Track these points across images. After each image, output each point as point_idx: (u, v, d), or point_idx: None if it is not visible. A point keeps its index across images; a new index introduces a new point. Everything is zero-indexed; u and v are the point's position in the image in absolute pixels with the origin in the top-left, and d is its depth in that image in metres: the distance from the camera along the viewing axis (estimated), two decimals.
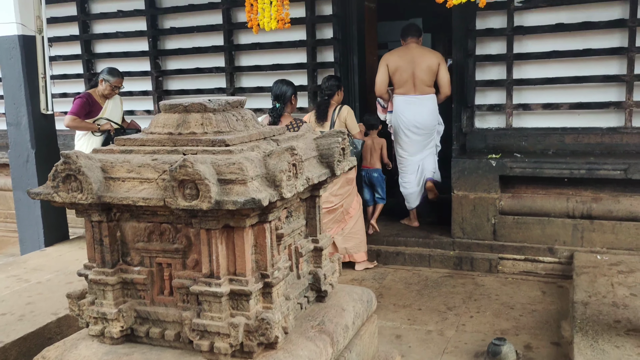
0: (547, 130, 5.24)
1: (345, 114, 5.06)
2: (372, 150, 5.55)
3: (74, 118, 5.20)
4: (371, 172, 5.58)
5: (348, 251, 5.17)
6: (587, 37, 5.04)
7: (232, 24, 6.26)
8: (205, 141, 2.26)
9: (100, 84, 5.34)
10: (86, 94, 5.34)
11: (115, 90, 5.39)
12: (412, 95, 5.42)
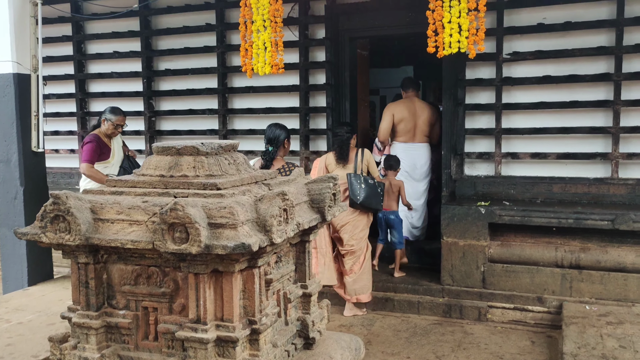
0: (536, 179, 5.30)
1: (368, 157, 5.21)
2: (389, 192, 5.54)
3: (90, 166, 5.03)
4: (388, 215, 5.57)
5: (357, 292, 5.16)
6: (573, 89, 5.17)
7: (226, 67, 6.35)
8: (197, 184, 2.26)
9: (103, 124, 5.23)
10: (94, 137, 5.19)
11: (119, 129, 5.29)
12: (412, 143, 5.96)
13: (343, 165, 5.13)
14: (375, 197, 5.03)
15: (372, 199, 5.00)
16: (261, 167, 4.58)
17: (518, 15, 5.27)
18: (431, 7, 4.56)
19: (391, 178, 5.59)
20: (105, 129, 5.23)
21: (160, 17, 6.62)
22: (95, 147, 5.10)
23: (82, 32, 6.96)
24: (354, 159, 5.13)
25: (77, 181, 6.96)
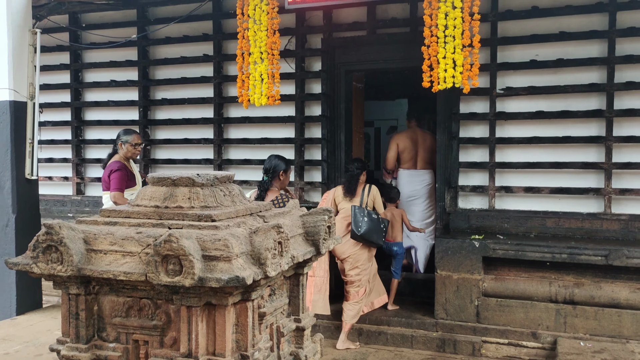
0: (529, 213, 5.32)
1: (375, 193, 5.34)
2: (393, 222, 5.68)
3: (121, 195, 4.92)
4: (391, 246, 5.66)
5: (371, 300, 5.37)
6: (566, 124, 5.23)
7: (222, 98, 6.40)
8: (192, 215, 2.25)
9: (121, 148, 5.17)
10: (120, 164, 5.09)
11: (138, 148, 5.24)
12: (414, 170, 6.35)
13: (350, 199, 5.28)
14: (377, 232, 5.12)
15: (374, 233, 5.09)
16: (256, 198, 4.58)
17: (511, 52, 5.36)
18: (426, 43, 4.63)
19: (392, 209, 5.69)
20: (125, 152, 5.16)
21: (159, 48, 6.69)
22: (123, 174, 5.01)
23: (80, 60, 7.02)
24: (360, 193, 5.29)
25: (70, 209, 6.94)
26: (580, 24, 5.13)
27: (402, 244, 5.73)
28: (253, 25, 5.17)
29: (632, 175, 5.06)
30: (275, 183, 4.66)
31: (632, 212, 5.04)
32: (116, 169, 5.00)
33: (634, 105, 5.01)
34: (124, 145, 5.15)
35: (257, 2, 5.14)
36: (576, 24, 5.14)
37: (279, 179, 4.65)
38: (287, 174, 4.69)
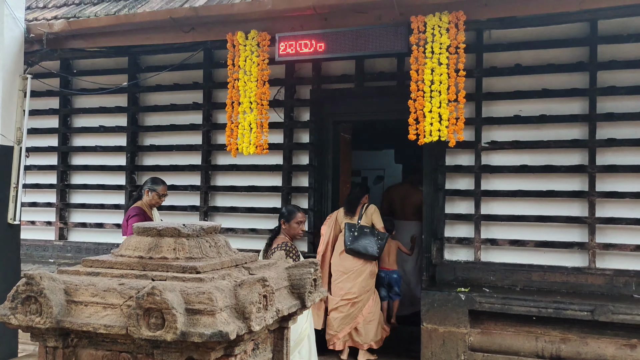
0: (515, 267, 5.32)
1: (372, 211, 5.75)
2: (389, 252, 6.04)
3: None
4: (390, 274, 6.10)
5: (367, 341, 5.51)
6: (550, 179, 5.30)
7: (211, 145, 6.43)
8: (176, 267, 2.22)
9: (147, 195, 5.23)
10: (140, 210, 5.14)
11: (162, 199, 5.33)
12: (402, 220, 6.87)
13: (350, 218, 5.70)
14: (369, 243, 5.49)
15: (365, 245, 5.49)
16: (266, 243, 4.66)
17: (496, 107, 5.49)
18: (413, 97, 4.73)
19: (389, 240, 5.94)
20: (149, 200, 5.23)
21: (149, 95, 6.75)
22: (141, 220, 5.00)
23: (70, 105, 7.05)
24: (359, 212, 5.71)
25: (51, 254, 6.83)
26: (562, 81, 5.28)
27: (399, 272, 6.22)
28: (243, 76, 5.26)
29: (615, 230, 5.11)
30: (283, 230, 4.58)
31: (616, 267, 5.06)
32: (134, 215, 5.04)
33: (616, 161, 5.11)
34: (150, 193, 5.21)
35: (248, 54, 5.24)
36: (558, 82, 5.29)
37: (288, 225, 4.54)
38: (289, 223, 4.52)
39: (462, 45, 4.66)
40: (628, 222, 5.04)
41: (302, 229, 4.57)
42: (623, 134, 5.09)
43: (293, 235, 4.53)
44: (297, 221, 4.53)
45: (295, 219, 4.53)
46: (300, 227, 4.55)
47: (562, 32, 5.27)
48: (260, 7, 5.14)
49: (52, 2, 6.90)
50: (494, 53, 5.47)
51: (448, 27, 4.67)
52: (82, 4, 6.66)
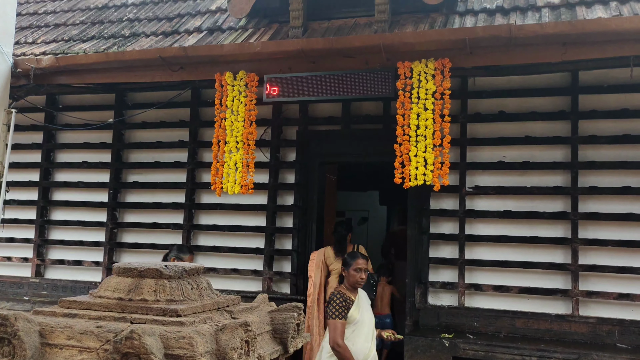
0: (499, 313, 5.28)
1: (363, 251, 5.54)
2: (382, 296, 6.19)
3: None
4: (384, 318, 6.20)
5: None
6: (533, 225, 5.33)
7: (195, 184, 6.38)
8: (157, 310, 2.16)
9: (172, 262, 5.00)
10: None
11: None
12: (379, 315, 6.28)
13: (341, 259, 5.34)
14: (368, 287, 5.32)
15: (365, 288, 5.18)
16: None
17: (480, 152, 5.55)
18: (399, 141, 4.78)
19: (383, 284, 6.16)
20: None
21: (134, 132, 6.73)
22: None
23: (53, 140, 6.99)
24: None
25: (26, 291, 6.65)
26: (545, 129, 5.38)
27: (391, 315, 6.33)
28: (230, 116, 5.29)
29: (598, 278, 5.12)
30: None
31: (599, 315, 5.05)
32: None
33: (598, 209, 5.16)
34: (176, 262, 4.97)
35: (236, 94, 5.28)
36: (541, 129, 5.39)
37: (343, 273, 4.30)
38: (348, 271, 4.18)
39: (447, 91, 4.74)
40: (610, 269, 5.06)
41: (361, 277, 4.14)
42: (604, 182, 5.16)
43: (352, 284, 4.16)
44: (356, 268, 4.15)
45: (355, 266, 4.16)
46: (359, 274, 4.14)
47: (545, 81, 5.39)
48: (249, 49, 5.21)
49: (41, 38, 6.92)
50: (479, 100, 5.57)
51: (434, 73, 4.77)
52: (71, 40, 6.70)
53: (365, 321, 4.10)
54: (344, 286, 4.17)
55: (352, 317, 4.04)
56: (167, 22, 6.61)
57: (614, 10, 4.82)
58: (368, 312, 4.21)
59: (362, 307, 4.15)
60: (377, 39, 4.87)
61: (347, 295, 4.08)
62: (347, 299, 4.04)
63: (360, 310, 4.11)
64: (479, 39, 4.61)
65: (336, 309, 3.99)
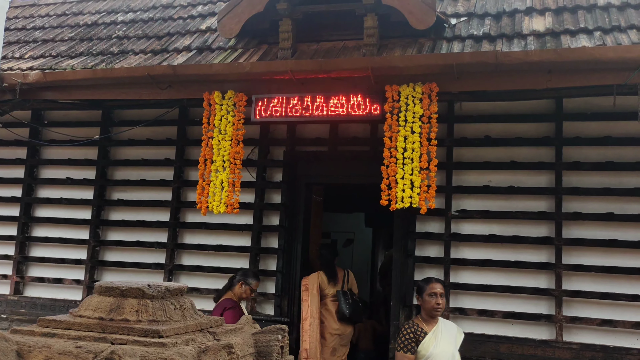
0: (483, 337, 5.26)
1: (353, 278, 6.16)
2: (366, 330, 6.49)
3: None
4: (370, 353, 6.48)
5: None
6: (518, 250, 5.35)
7: (180, 202, 6.33)
8: (138, 330, 2.12)
9: (239, 287, 4.88)
10: (234, 302, 4.82)
11: (253, 294, 5.05)
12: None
13: (334, 284, 5.96)
14: (359, 311, 5.97)
15: (357, 312, 5.93)
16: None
17: (466, 176, 5.58)
18: (386, 163, 4.80)
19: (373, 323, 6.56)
20: (242, 293, 4.88)
21: (120, 149, 6.69)
22: (237, 313, 4.66)
23: (37, 156, 6.92)
24: (342, 279, 6.02)
25: (4, 309, 6.52)
26: (530, 155, 5.43)
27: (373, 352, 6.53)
28: (218, 135, 5.28)
29: (581, 304, 5.14)
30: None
31: (582, 341, 5.05)
32: (230, 307, 4.70)
33: (582, 235, 5.20)
34: (243, 286, 4.87)
35: (224, 113, 5.28)
36: (526, 155, 5.44)
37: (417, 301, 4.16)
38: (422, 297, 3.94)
39: (434, 115, 4.79)
40: (594, 295, 5.08)
41: (437, 303, 3.80)
42: (588, 209, 5.21)
43: (428, 312, 3.83)
44: (431, 292, 3.82)
45: (429, 290, 3.83)
46: (435, 300, 3.80)
47: (530, 107, 5.47)
48: (239, 69, 5.23)
49: (28, 53, 6.89)
50: (465, 124, 5.62)
51: (421, 97, 4.81)
52: (59, 56, 6.68)
53: (439, 355, 3.70)
54: (420, 316, 3.87)
55: (423, 351, 3.71)
56: (156, 40, 6.62)
57: (598, 40, 4.93)
58: (448, 346, 3.79)
59: (440, 340, 3.77)
60: (365, 62, 4.92)
61: (420, 326, 3.77)
62: (416, 330, 3.75)
63: (436, 344, 3.73)
64: (466, 65, 4.68)
65: (401, 341, 3.73)
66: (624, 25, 5.10)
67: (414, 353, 3.69)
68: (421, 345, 3.70)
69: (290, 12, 5.57)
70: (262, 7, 5.52)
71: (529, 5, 5.64)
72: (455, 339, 3.87)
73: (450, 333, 3.86)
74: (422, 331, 3.74)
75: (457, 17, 5.76)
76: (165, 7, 7.42)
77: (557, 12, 5.53)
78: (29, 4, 8.43)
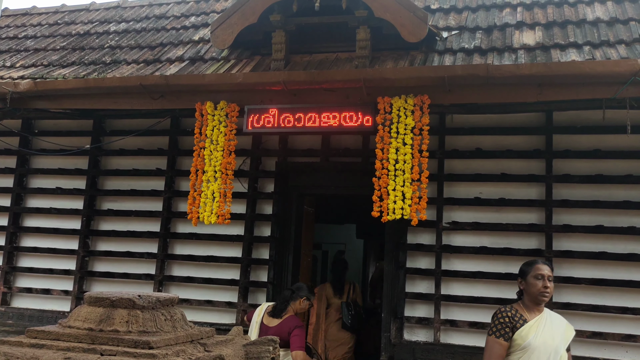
0: (474, 350, 5.25)
1: (358, 291, 6.79)
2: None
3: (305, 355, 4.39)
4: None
5: None
6: (508, 262, 5.36)
7: (171, 212, 6.30)
8: (128, 341, 2.11)
9: (301, 303, 4.69)
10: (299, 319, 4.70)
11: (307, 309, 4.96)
12: None
13: (340, 297, 6.58)
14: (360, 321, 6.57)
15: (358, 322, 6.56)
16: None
17: (457, 188, 5.60)
18: (377, 174, 4.81)
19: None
20: (301, 308, 4.72)
21: (111, 158, 6.65)
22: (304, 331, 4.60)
23: (27, 165, 6.87)
24: (347, 292, 6.62)
25: None
26: (521, 167, 5.47)
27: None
28: (210, 145, 5.28)
29: (572, 316, 5.12)
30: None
31: (573, 354, 4.91)
32: (300, 326, 4.52)
33: (572, 247, 5.22)
34: (304, 302, 4.71)
35: (216, 124, 5.28)
36: (516, 167, 5.48)
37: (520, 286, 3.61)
38: (525, 279, 3.40)
39: (426, 127, 4.81)
40: (584, 308, 5.10)
41: (545, 286, 3.29)
42: (578, 221, 5.24)
43: (533, 297, 3.32)
44: (537, 274, 3.31)
45: (534, 272, 3.33)
46: (542, 283, 3.29)
47: (520, 120, 5.51)
48: (231, 80, 5.24)
49: (20, 62, 6.87)
50: (456, 136, 5.65)
51: (413, 109, 4.85)
52: (50, 65, 6.66)
53: (539, 348, 3.22)
54: (521, 302, 3.39)
55: (519, 340, 3.24)
56: (149, 50, 6.63)
57: (587, 54, 4.99)
58: (551, 340, 3.26)
59: (542, 330, 3.26)
60: (358, 73, 4.94)
61: (519, 312, 3.31)
62: (514, 316, 3.28)
63: (536, 334, 3.24)
64: (458, 77, 4.71)
65: (494, 325, 3.29)
66: (613, 40, 5.17)
67: (507, 340, 3.23)
68: (518, 333, 3.23)
69: (284, 24, 5.60)
70: (255, 19, 5.54)
71: (519, 20, 5.70)
72: (564, 335, 3.34)
73: (557, 325, 3.35)
74: (520, 317, 3.28)
75: (448, 30, 5.82)
76: (158, 17, 7.43)
77: (547, 27, 5.59)
78: (21, 13, 8.41)
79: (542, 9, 5.90)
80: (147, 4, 7.90)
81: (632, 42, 5.13)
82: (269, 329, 4.45)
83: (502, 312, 3.32)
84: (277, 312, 4.58)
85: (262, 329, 4.52)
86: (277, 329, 4.40)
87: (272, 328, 4.44)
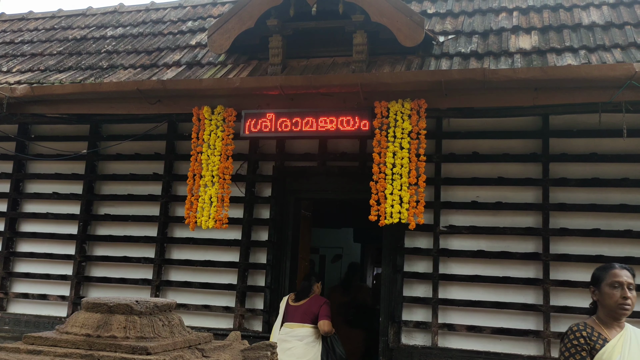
0: (472, 353, 5.25)
1: (366, 291, 7.57)
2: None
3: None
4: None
5: None
6: (505, 265, 5.37)
7: (168, 217, 6.29)
8: (126, 347, 2.10)
9: (317, 287, 5.49)
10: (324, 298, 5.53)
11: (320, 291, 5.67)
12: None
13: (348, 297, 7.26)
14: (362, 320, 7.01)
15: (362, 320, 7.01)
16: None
17: (454, 192, 5.61)
18: (375, 178, 4.81)
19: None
20: (319, 290, 5.49)
21: (108, 163, 6.64)
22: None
23: (24, 170, 6.85)
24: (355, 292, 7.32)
25: None
26: (517, 171, 5.48)
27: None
28: (207, 150, 5.27)
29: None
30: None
31: None
32: (327, 302, 5.35)
33: (568, 250, 5.23)
34: (319, 286, 5.49)
35: (213, 128, 5.28)
36: (513, 171, 5.49)
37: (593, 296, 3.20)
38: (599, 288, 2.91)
39: (423, 131, 4.82)
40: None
41: (624, 297, 2.77)
42: (575, 224, 5.25)
43: (610, 310, 2.80)
44: (612, 282, 2.82)
45: (610, 278, 2.84)
46: (620, 293, 2.78)
47: (517, 124, 5.52)
48: (228, 85, 5.24)
49: (16, 67, 6.86)
50: (453, 140, 5.66)
51: (410, 113, 4.85)
52: (47, 70, 6.65)
53: None
54: (596, 316, 2.88)
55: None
56: (146, 55, 6.63)
57: (583, 58, 5.01)
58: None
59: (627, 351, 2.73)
60: (355, 78, 4.95)
61: (596, 329, 2.80)
62: (590, 335, 2.77)
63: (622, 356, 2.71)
64: (455, 82, 4.73)
65: (566, 349, 2.77)
66: (609, 44, 5.20)
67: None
68: (598, 357, 2.71)
69: (281, 29, 5.61)
70: (252, 24, 5.56)
71: (515, 24, 5.73)
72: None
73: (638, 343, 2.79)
74: (599, 337, 2.76)
75: (445, 34, 5.84)
76: (155, 22, 7.44)
77: (543, 31, 5.62)
78: (18, 18, 8.41)
79: (538, 13, 5.93)
80: (144, 8, 7.91)
81: (627, 46, 5.15)
82: (298, 307, 5.25)
83: (574, 332, 2.79)
84: (302, 295, 5.36)
85: (289, 310, 5.29)
86: (307, 306, 5.25)
87: (302, 306, 5.27)
